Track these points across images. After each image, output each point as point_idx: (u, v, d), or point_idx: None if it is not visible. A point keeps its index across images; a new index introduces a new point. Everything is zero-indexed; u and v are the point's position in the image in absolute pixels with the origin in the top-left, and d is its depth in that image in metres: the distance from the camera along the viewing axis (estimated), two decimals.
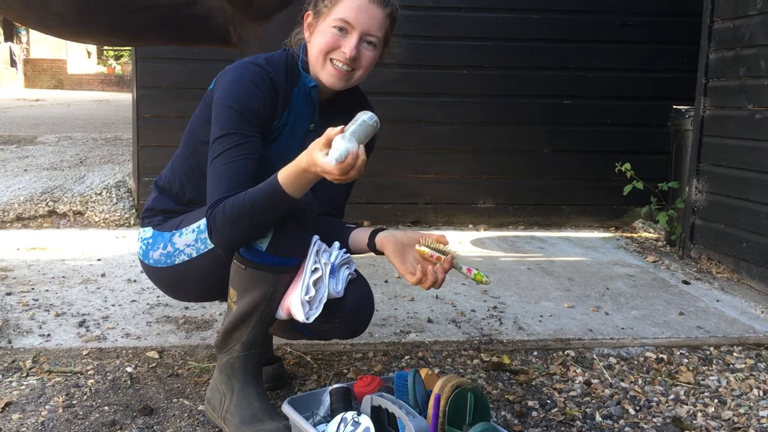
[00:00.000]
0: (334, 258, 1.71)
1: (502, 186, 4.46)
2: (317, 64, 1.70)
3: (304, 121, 1.78)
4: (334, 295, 1.70)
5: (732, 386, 2.18)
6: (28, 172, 4.69)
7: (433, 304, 2.84)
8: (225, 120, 1.64)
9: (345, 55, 1.65)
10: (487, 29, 4.31)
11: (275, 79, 1.71)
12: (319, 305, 1.67)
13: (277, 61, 1.75)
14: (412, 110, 4.33)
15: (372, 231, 1.77)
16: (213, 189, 1.62)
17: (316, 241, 1.71)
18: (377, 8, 1.66)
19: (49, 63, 20.53)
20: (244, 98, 1.65)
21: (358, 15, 1.65)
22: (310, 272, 1.67)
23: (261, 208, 1.55)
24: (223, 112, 1.65)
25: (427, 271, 1.63)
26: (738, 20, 3.40)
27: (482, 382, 2.15)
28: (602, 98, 4.43)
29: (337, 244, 1.76)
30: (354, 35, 1.66)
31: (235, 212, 1.56)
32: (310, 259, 1.68)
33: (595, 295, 3.06)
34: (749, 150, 3.30)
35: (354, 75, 1.70)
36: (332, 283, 1.69)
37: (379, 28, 1.68)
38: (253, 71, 1.68)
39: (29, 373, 2.08)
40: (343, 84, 1.70)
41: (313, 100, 1.76)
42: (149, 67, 4.16)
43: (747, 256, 3.28)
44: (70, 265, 3.24)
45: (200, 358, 2.23)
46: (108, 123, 8.38)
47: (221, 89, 1.68)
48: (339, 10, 1.65)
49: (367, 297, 1.79)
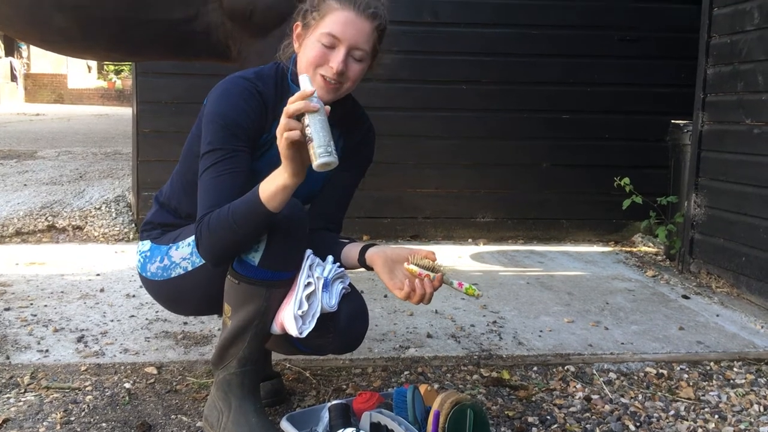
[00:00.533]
0: (327, 272, 1.70)
1: (502, 200, 4.47)
2: None
3: None
4: (327, 310, 1.69)
5: (732, 402, 2.17)
6: (27, 187, 4.70)
7: (433, 319, 2.83)
8: (212, 135, 1.65)
9: (332, 70, 1.66)
10: (486, 44, 4.33)
11: (264, 92, 1.71)
12: (312, 320, 1.67)
13: (266, 74, 1.76)
14: (412, 125, 4.35)
15: (363, 246, 1.76)
16: (200, 203, 1.64)
17: (309, 255, 1.71)
18: (365, 21, 1.66)
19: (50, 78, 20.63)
20: (231, 113, 1.66)
21: (345, 29, 1.65)
22: (303, 286, 1.67)
23: (243, 221, 1.56)
24: (210, 127, 1.66)
25: (415, 285, 1.63)
26: (735, 35, 3.42)
27: (482, 397, 2.14)
28: (601, 113, 4.44)
29: (331, 258, 1.75)
30: (341, 49, 1.66)
31: (219, 224, 1.57)
32: (303, 273, 1.68)
33: (595, 309, 3.05)
34: (748, 165, 3.30)
35: (342, 87, 1.71)
36: (325, 298, 1.69)
37: (366, 41, 1.68)
38: (240, 85, 1.70)
39: (27, 390, 2.07)
40: (331, 96, 1.71)
41: None
42: (149, 82, 4.18)
43: (746, 271, 3.28)
44: (69, 280, 3.24)
45: (199, 374, 2.22)
46: (108, 137, 8.40)
47: (210, 104, 1.70)
48: (326, 23, 1.65)
49: (361, 311, 1.79)
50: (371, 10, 1.67)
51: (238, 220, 1.56)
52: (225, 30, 2.52)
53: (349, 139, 1.88)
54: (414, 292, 1.63)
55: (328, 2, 1.67)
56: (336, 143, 1.86)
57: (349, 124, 1.86)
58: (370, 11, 1.66)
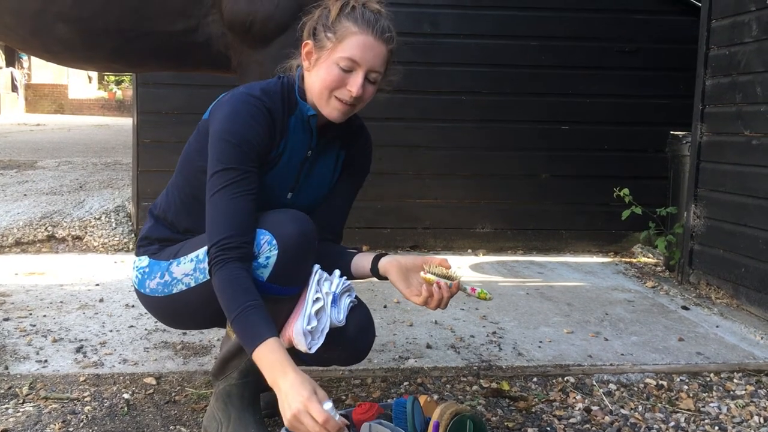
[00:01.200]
0: (335, 287, 1.71)
1: (501, 211, 4.47)
2: (321, 98, 1.69)
3: (302, 148, 1.78)
4: (336, 325, 1.70)
5: (732, 413, 2.17)
6: (27, 197, 4.70)
7: (432, 330, 2.83)
8: (223, 154, 1.62)
9: (351, 93, 1.65)
10: (486, 56, 4.35)
11: (272, 109, 1.70)
12: (321, 335, 1.67)
13: (272, 90, 1.74)
14: (411, 135, 4.36)
15: (374, 256, 1.77)
16: (215, 227, 1.60)
17: (317, 270, 1.71)
18: (382, 45, 1.66)
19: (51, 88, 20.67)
20: (242, 132, 1.64)
21: (365, 54, 1.64)
22: (311, 302, 1.67)
23: (233, 325, 1.53)
24: (221, 146, 1.63)
25: (433, 291, 1.66)
26: (734, 47, 3.43)
27: (481, 408, 2.13)
28: (600, 124, 4.45)
29: (338, 272, 1.76)
30: (360, 73, 1.65)
31: (223, 294, 1.55)
32: (311, 288, 1.68)
33: (595, 320, 3.05)
34: (747, 176, 3.31)
35: (356, 108, 1.71)
36: (334, 313, 1.69)
37: (382, 64, 1.68)
38: (249, 103, 1.67)
39: (26, 400, 2.07)
40: (345, 117, 1.71)
41: (311, 128, 1.77)
42: (150, 93, 4.19)
43: (746, 282, 3.28)
44: (69, 290, 3.24)
45: (198, 385, 2.22)
46: (108, 148, 8.42)
47: (219, 122, 1.66)
48: (346, 48, 1.64)
49: (368, 324, 1.80)
50: (387, 33, 1.66)
51: (232, 322, 1.53)
52: (225, 41, 2.53)
53: (349, 150, 1.89)
54: (432, 298, 1.66)
55: (344, 24, 1.65)
56: (337, 154, 1.88)
57: (348, 135, 1.86)
58: (386, 35, 1.66)
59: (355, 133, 1.88)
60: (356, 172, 1.92)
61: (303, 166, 1.79)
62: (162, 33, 2.51)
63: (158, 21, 2.50)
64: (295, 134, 1.75)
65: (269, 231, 1.63)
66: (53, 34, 2.55)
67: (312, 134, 1.77)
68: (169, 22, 2.50)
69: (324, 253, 1.79)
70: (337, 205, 1.92)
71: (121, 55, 2.62)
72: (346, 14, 1.66)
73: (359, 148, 1.91)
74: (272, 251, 1.61)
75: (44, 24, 2.52)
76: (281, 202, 1.77)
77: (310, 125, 1.76)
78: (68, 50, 2.64)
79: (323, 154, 1.84)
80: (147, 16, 2.49)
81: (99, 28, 2.51)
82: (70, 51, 2.64)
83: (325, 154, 1.84)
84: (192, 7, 2.47)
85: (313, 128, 1.76)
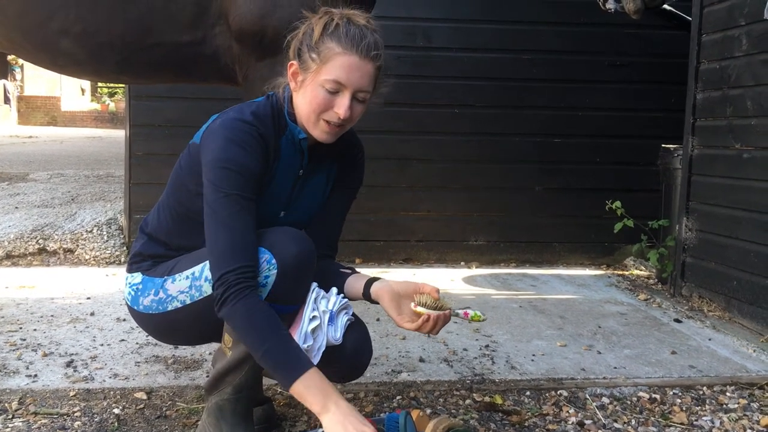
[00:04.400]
0: (332, 305, 1.70)
1: (494, 224, 4.48)
2: (308, 122, 1.67)
3: (294, 169, 1.77)
4: (333, 343, 1.69)
5: (726, 427, 2.16)
6: (18, 210, 4.68)
7: (425, 343, 2.82)
8: (224, 182, 1.59)
9: (338, 116, 1.63)
10: (478, 69, 4.37)
11: (264, 134, 1.67)
12: (318, 353, 1.66)
13: (262, 113, 1.71)
14: (404, 148, 4.36)
15: (367, 281, 1.76)
16: (226, 254, 1.56)
17: (315, 288, 1.70)
18: (368, 64, 1.63)
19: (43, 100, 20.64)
20: (241, 159, 1.61)
21: (350, 75, 1.61)
22: (308, 320, 1.66)
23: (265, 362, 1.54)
24: (221, 174, 1.59)
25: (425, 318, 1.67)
26: (724, 61, 3.46)
27: (474, 423, 2.12)
28: (592, 137, 4.47)
29: (335, 290, 1.75)
30: (346, 94, 1.63)
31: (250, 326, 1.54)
32: (308, 306, 1.67)
33: (587, 333, 3.05)
34: (738, 189, 3.33)
35: (345, 129, 1.70)
36: (331, 331, 1.68)
37: (369, 83, 1.65)
38: (244, 131, 1.63)
39: (15, 415, 2.05)
40: (334, 139, 1.70)
41: (302, 149, 1.76)
42: (142, 106, 4.19)
43: (738, 295, 3.29)
44: (59, 304, 3.21)
45: (189, 399, 2.20)
46: (100, 160, 8.40)
47: (215, 151, 1.62)
48: (330, 70, 1.61)
49: (365, 342, 1.80)
50: (373, 52, 1.63)
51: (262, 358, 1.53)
52: (232, 54, 2.52)
53: (341, 163, 1.89)
54: (425, 323, 1.68)
55: (328, 45, 1.62)
56: (329, 169, 1.87)
57: (341, 148, 1.86)
58: (372, 53, 1.63)
59: (347, 145, 1.88)
60: (349, 184, 1.92)
61: (295, 186, 1.78)
62: (168, 45, 2.50)
63: (164, 33, 2.49)
64: (286, 156, 1.74)
65: (268, 250, 1.62)
66: (58, 48, 2.55)
67: (303, 154, 1.77)
68: (174, 34, 2.49)
69: (320, 272, 1.78)
70: (331, 218, 1.91)
71: (128, 67, 2.61)
72: (329, 33, 1.62)
73: (351, 160, 1.91)
74: (271, 270, 1.60)
75: (49, 39, 2.51)
76: (274, 221, 1.76)
77: (301, 147, 1.75)
78: (75, 64, 2.63)
79: (315, 172, 1.83)
80: (152, 28, 2.48)
81: (104, 41, 2.50)
82: (76, 65, 2.64)
83: (317, 171, 1.84)
84: (198, 18, 2.45)
85: (305, 150, 1.76)
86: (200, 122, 1.83)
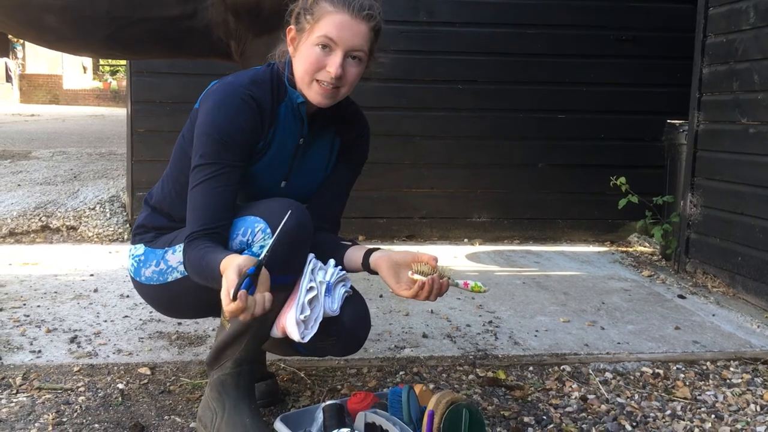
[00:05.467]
0: (329, 276, 1.69)
1: (497, 200, 4.46)
2: (303, 82, 1.68)
3: (293, 137, 1.76)
4: (330, 314, 1.68)
5: (729, 401, 2.17)
6: (21, 187, 4.68)
7: (428, 319, 2.82)
8: (205, 148, 1.63)
9: (330, 74, 1.63)
10: (482, 44, 4.33)
11: (259, 98, 1.68)
12: (315, 324, 1.66)
13: (261, 78, 1.72)
14: (407, 125, 4.34)
15: (366, 251, 1.75)
16: (190, 220, 1.63)
17: (312, 259, 1.69)
18: (361, 23, 1.63)
19: (45, 78, 20.56)
20: (225, 125, 1.63)
21: (341, 32, 1.62)
22: (305, 291, 1.65)
23: (205, 279, 1.57)
24: (203, 140, 1.64)
25: (422, 283, 1.64)
26: (731, 35, 3.41)
27: (477, 398, 2.13)
28: (597, 113, 4.44)
29: (332, 261, 1.74)
30: (338, 53, 1.63)
31: (192, 268, 1.60)
32: (305, 277, 1.66)
33: (591, 309, 3.04)
34: (743, 164, 3.30)
35: (340, 92, 1.69)
36: (328, 302, 1.68)
37: (363, 43, 1.65)
38: (236, 95, 1.65)
39: (19, 390, 2.06)
40: (329, 101, 1.69)
41: (301, 116, 1.75)
42: (143, 82, 4.16)
43: (742, 271, 3.28)
44: (63, 281, 3.22)
45: (193, 375, 2.21)
46: (102, 138, 8.38)
47: (204, 114, 1.66)
48: (321, 27, 1.62)
49: (363, 315, 1.79)
50: (366, 11, 1.63)
51: (202, 275, 1.57)
52: (227, 28, 2.48)
53: (345, 138, 1.87)
54: (421, 290, 1.65)
55: (321, 4, 1.63)
56: (332, 142, 1.86)
57: (344, 122, 1.84)
58: (364, 13, 1.63)
59: (350, 119, 1.86)
60: (353, 159, 1.91)
61: (296, 155, 1.77)
62: (157, 19, 2.47)
63: (152, 7, 2.46)
64: (285, 123, 1.73)
65: (264, 219, 1.61)
66: (43, 24, 2.52)
67: (303, 122, 1.76)
68: (163, 8, 2.46)
69: (319, 244, 1.77)
70: (335, 194, 1.90)
71: (117, 42, 2.58)
72: None
73: (355, 135, 1.89)
74: (267, 240, 1.60)
75: (32, 16, 2.48)
76: (275, 191, 1.76)
77: (300, 113, 1.74)
78: (61, 39, 2.61)
79: (316, 142, 1.82)
80: (139, 2, 2.45)
81: (88, 16, 2.47)
82: (63, 40, 2.61)
83: (319, 142, 1.82)
84: None
85: (304, 116, 1.75)
86: None
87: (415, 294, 1.64)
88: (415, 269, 1.66)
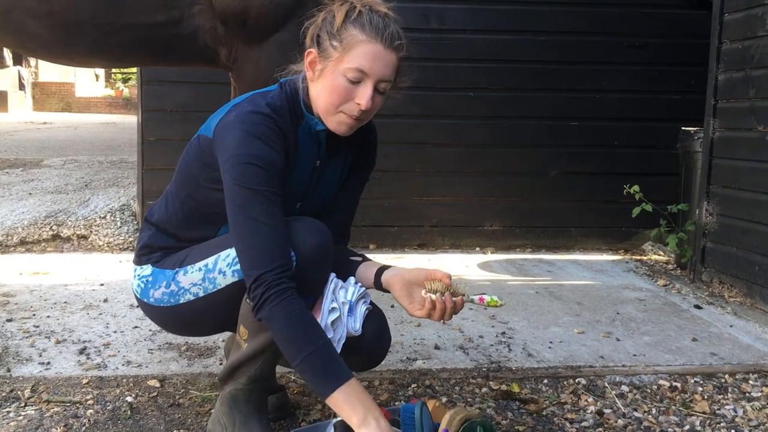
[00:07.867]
0: (350, 295, 1.67)
1: (509, 208, 4.42)
2: (326, 113, 1.62)
3: (311, 160, 1.72)
4: (353, 334, 1.66)
5: (749, 416, 2.12)
6: (32, 196, 4.68)
7: (440, 330, 2.79)
8: (250, 177, 1.52)
9: (360, 107, 1.57)
10: (493, 51, 4.30)
11: (283, 127, 1.61)
12: (338, 345, 1.63)
13: (279, 104, 1.64)
14: (418, 132, 4.31)
15: (377, 270, 1.72)
16: (259, 255, 1.50)
17: (333, 279, 1.66)
18: (392, 54, 1.57)
19: (58, 86, 20.67)
20: (264, 154, 1.54)
21: (374, 64, 1.55)
22: (327, 312, 1.62)
23: (302, 368, 1.48)
24: (246, 169, 1.53)
25: (436, 303, 1.62)
26: (747, 41, 3.37)
27: (491, 411, 2.09)
28: (610, 120, 4.39)
29: (352, 279, 1.71)
30: (369, 85, 1.56)
31: (290, 331, 1.48)
32: (327, 298, 1.63)
33: (606, 320, 3.00)
34: (760, 172, 3.25)
35: (362, 122, 1.65)
36: (350, 322, 1.65)
37: (392, 73, 1.60)
38: (264, 124, 1.57)
39: (27, 403, 2.04)
40: (350, 132, 1.64)
41: (319, 140, 1.71)
42: (154, 90, 4.16)
43: (760, 280, 3.22)
44: (73, 291, 3.21)
45: (202, 387, 2.18)
46: (114, 146, 8.40)
47: (236, 146, 1.55)
48: (353, 58, 1.55)
49: (384, 329, 1.78)
50: (397, 42, 1.58)
51: (300, 365, 1.47)
52: (215, 35, 2.44)
53: (355, 147, 1.84)
54: (434, 310, 1.61)
55: (351, 32, 1.56)
56: (345, 159, 1.82)
57: (357, 135, 1.82)
58: (396, 43, 1.57)
59: (362, 131, 1.83)
60: (363, 166, 1.88)
61: (312, 177, 1.75)
62: (142, 26, 2.42)
63: (136, 13, 2.41)
64: (303, 146, 1.69)
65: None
66: (25, 30, 2.47)
67: (320, 145, 1.72)
68: (148, 14, 2.41)
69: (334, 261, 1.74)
70: (345, 205, 1.88)
71: (100, 49, 2.51)
72: (352, 20, 1.56)
73: (367, 144, 1.87)
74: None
75: (14, 20, 2.43)
76: (290, 212, 1.72)
77: (318, 138, 1.70)
78: (43, 46, 2.54)
79: (331, 162, 1.79)
80: (123, 8, 2.40)
81: (71, 22, 2.42)
82: (44, 47, 2.55)
83: (334, 161, 1.79)
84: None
85: (322, 141, 1.71)
86: (212, 107, 1.79)
87: (428, 314, 1.61)
88: (429, 287, 1.63)
